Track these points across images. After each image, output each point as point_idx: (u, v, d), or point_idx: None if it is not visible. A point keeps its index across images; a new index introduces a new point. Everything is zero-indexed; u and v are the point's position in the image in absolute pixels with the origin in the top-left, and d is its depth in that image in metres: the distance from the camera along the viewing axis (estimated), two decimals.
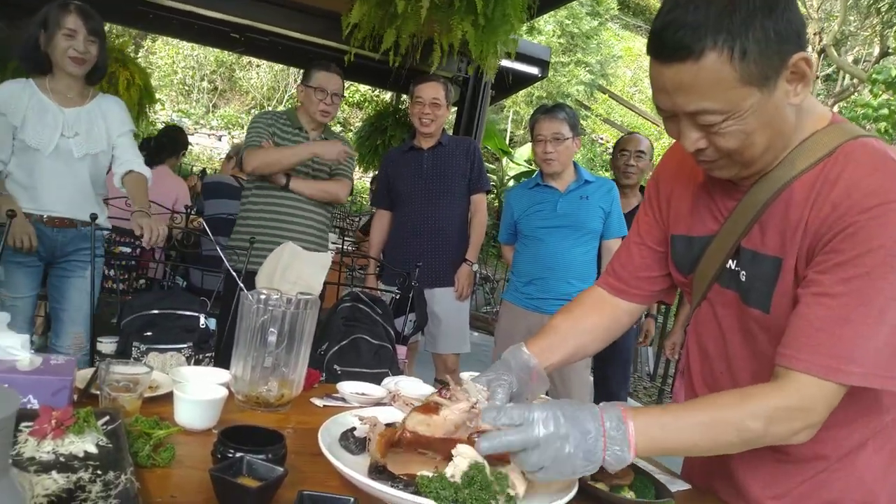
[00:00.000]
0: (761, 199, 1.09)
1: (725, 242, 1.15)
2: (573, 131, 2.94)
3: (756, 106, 0.97)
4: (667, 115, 1.05)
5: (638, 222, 1.37)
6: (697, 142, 1.03)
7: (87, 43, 2.51)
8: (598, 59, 17.22)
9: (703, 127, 1.01)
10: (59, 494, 0.82)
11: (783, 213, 1.06)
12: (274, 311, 1.35)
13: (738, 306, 1.15)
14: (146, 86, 6.59)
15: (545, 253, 2.95)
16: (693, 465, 1.39)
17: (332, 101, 3.01)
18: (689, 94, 0.97)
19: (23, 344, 1.18)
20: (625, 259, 1.37)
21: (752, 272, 1.11)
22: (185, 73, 17.54)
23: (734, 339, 1.19)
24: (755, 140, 1.00)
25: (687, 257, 1.24)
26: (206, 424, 1.20)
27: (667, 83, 0.99)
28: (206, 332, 2.06)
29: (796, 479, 1.15)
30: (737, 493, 1.23)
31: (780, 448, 1.14)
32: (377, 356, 2.30)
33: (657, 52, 0.98)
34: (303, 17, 5.25)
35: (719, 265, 1.17)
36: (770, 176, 1.08)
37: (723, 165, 1.07)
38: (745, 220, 1.11)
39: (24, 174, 2.50)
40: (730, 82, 0.94)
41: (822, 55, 13.93)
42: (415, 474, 1.00)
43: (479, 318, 7.58)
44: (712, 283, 1.19)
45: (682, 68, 0.95)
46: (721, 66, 0.93)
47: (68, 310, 2.65)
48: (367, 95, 15.48)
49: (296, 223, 2.98)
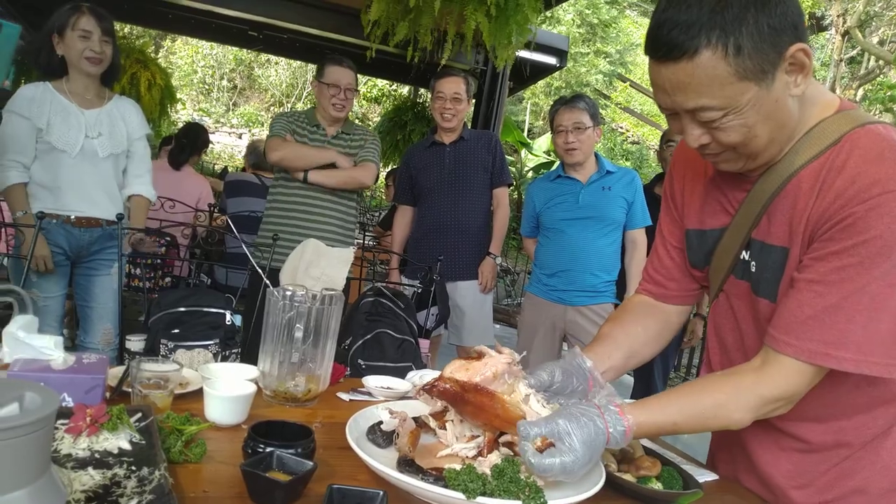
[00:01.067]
0: (768, 190, 1.09)
1: (738, 234, 1.15)
2: (593, 120, 2.92)
3: (755, 100, 0.96)
4: (669, 113, 1.06)
5: (661, 223, 1.37)
6: (700, 138, 1.03)
7: (102, 43, 2.54)
8: (618, 48, 17.06)
9: (704, 123, 1.01)
10: (96, 490, 0.84)
11: (790, 202, 1.06)
12: (300, 308, 1.36)
13: (750, 297, 1.16)
14: (167, 86, 6.68)
15: (568, 245, 2.94)
16: (716, 454, 1.38)
17: (345, 95, 3.01)
18: (687, 92, 0.97)
19: (56, 344, 1.21)
20: (656, 263, 1.37)
21: (762, 263, 1.11)
22: (205, 73, 17.71)
23: (749, 331, 1.19)
24: (757, 132, 1.00)
25: (701, 251, 1.24)
26: (236, 420, 1.22)
27: (665, 82, 0.99)
28: (232, 329, 2.09)
29: (820, 468, 1.15)
30: (760, 483, 1.23)
31: (802, 438, 1.15)
32: (400, 350, 2.31)
33: (653, 52, 0.98)
34: (320, 13, 5.28)
35: (733, 257, 1.17)
36: (777, 166, 1.08)
37: (728, 158, 1.07)
38: (754, 211, 1.11)
39: (49, 176, 2.54)
40: (726, 78, 0.94)
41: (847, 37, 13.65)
42: (442, 468, 1.00)
43: (500, 311, 7.57)
44: (727, 276, 1.19)
45: (679, 67, 0.95)
46: (716, 63, 0.93)
47: (95, 307, 2.70)
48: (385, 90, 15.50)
49: (322, 217, 2.99)
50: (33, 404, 0.59)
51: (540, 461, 0.95)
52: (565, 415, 0.99)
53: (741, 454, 1.26)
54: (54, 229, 2.53)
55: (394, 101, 8.86)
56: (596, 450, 0.99)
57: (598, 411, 1.01)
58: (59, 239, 2.56)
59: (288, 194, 3.02)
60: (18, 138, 2.49)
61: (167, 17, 6.14)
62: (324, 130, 3.06)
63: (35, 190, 2.55)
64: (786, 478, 1.18)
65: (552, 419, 0.99)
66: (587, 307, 2.93)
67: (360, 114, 16.72)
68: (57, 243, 2.56)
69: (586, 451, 0.97)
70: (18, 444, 0.54)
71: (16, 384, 0.62)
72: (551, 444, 0.97)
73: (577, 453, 0.96)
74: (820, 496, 1.15)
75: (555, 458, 0.95)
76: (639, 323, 1.35)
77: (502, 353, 1.12)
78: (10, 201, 2.52)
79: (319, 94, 3.04)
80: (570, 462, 0.95)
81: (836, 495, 1.14)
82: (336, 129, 3.08)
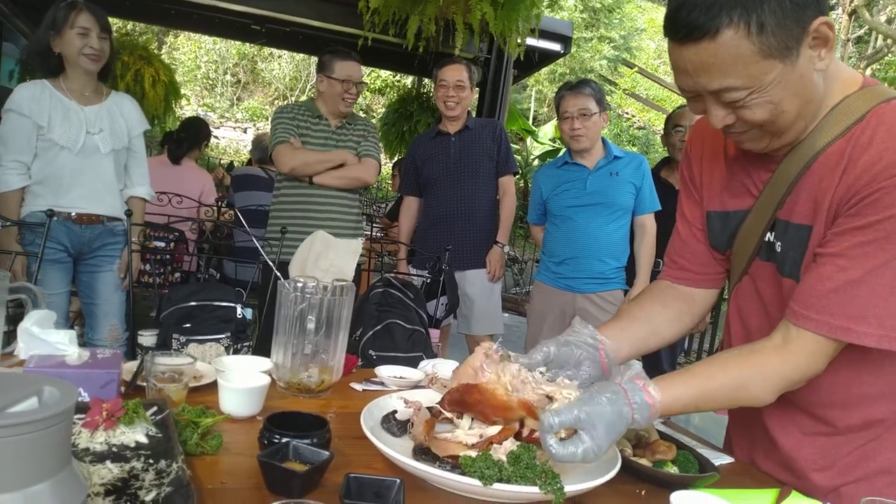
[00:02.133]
0: (794, 170, 1.07)
1: (763, 215, 1.13)
2: (599, 106, 2.90)
3: (780, 77, 0.95)
4: (690, 96, 1.04)
5: (682, 206, 1.34)
6: (725, 118, 1.02)
7: (100, 40, 2.54)
8: (622, 33, 16.93)
9: (729, 103, 0.99)
10: (115, 483, 0.84)
11: (816, 181, 1.05)
12: (311, 299, 1.36)
13: (776, 278, 1.14)
14: (171, 82, 6.67)
15: (576, 232, 2.92)
16: (733, 437, 1.38)
17: (356, 90, 3.00)
18: (711, 73, 0.96)
19: (70, 339, 1.22)
20: (679, 247, 1.33)
21: (787, 242, 1.10)
22: (209, 68, 17.68)
23: (775, 313, 1.17)
24: (784, 108, 0.99)
25: (723, 233, 1.22)
26: (251, 412, 1.23)
27: (687, 64, 0.97)
28: (243, 322, 2.10)
29: (844, 450, 1.14)
30: (780, 466, 1.22)
31: (829, 422, 1.14)
32: (411, 340, 2.32)
33: (674, 34, 0.97)
34: (322, 4, 5.27)
35: (758, 238, 1.15)
36: (802, 145, 1.06)
37: (753, 137, 1.05)
38: (780, 191, 1.10)
39: (50, 173, 2.54)
40: (750, 57, 0.92)
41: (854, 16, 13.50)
42: (458, 455, 1.00)
43: (508, 300, 7.57)
44: (752, 258, 1.18)
45: (700, 48, 0.94)
46: (739, 41, 0.92)
47: (100, 304, 2.72)
48: (389, 81, 15.45)
49: (327, 212, 3.00)
50: (52, 398, 0.60)
51: (561, 451, 0.94)
52: (588, 401, 0.97)
53: (761, 438, 1.25)
54: (56, 227, 2.53)
55: (398, 92, 8.82)
56: (619, 432, 0.98)
57: (623, 393, 0.99)
58: (60, 236, 2.56)
59: (292, 193, 3.01)
60: (19, 137, 2.49)
61: (170, 12, 6.14)
62: (327, 122, 3.04)
63: (36, 188, 2.56)
64: (808, 460, 1.17)
65: (575, 407, 0.97)
66: (597, 294, 2.92)
67: (364, 105, 16.69)
68: (59, 240, 2.56)
69: (608, 437, 0.96)
70: (39, 438, 0.55)
71: (34, 379, 0.62)
72: (574, 432, 0.97)
73: (599, 440, 0.95)
74: (842, 477, 1.14)
75: (577, 448, 0.94)
76: (657, 301, 1.33)
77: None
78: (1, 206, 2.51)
79: (329, 88, 3.00)
80: (592, 450, 0.94)
81: (859, 476, 1.13)
82: (338, 121, 3.07)
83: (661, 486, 1.09)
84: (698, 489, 1.03)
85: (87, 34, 2.51)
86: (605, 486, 1.00)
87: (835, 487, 1.14)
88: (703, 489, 1.03)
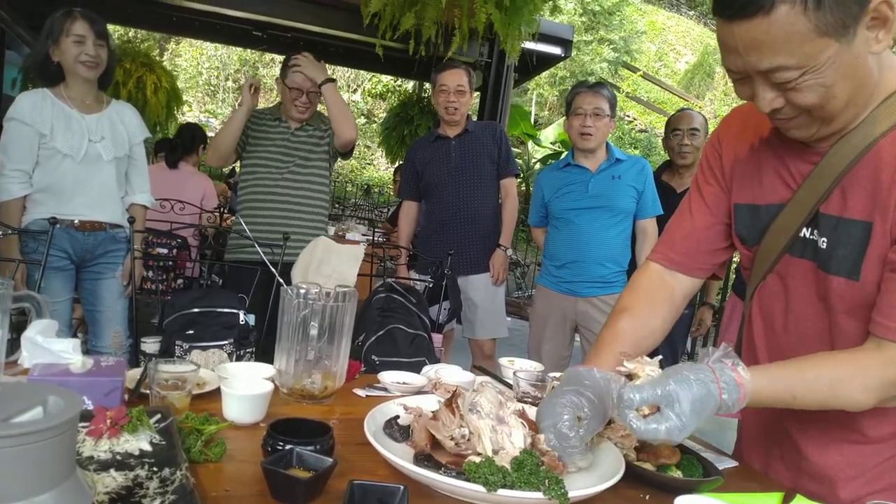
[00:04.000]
0: (843, 161, 1.02)
1: (800, 209, 1.08)
2: (612, 111, 2.90)
3: (835, 57, 0.90)
4: (738, 77, 0.99)
5: (700, 192, 1.28)
6: (773, 101, 0.97)
7: (96, 47, 2.55)
8: (622, 36, 16.95)
9: (779, 85, 0.95)
10: (119, 492, 0.84)
11: (871, 174, 1.00)
12: (314, 305, 1.36)
13: (816, 275, 1.09)
14: (173, 88, 6.70)
15: (577, 235, 2.92)
16: (747, 443, 1.35)
17: (308, 99, 2.99)
18: (762, 52, 0.91)
19: (74, 347, 1.22)
20: (688, 231, 1.28)
21: (836, 239, 1.04)
22: (210, 74, 17.73)
23: (807, 312, 1.12)
24: (836, 93, 0.94)
25: (754, 228, 1.16)
26: (255, 418, 1.23)
27: (737, 42, 0.93)
28: (246, 329, 2.10)
29: (874, 460, 1.11)
30: (801, 472, 1.19)
31: (856, 428, 1.10)
32: (414, 345, 2.31)
33: (724, 11, 0.93)
34: (323, 10, 5.28)
35: (792, 234, 1.10)
36: (852, 135, 1.01)
37: (801, 124, 1.01)
38: (824, 184, 1.04)
39: (53, 181, 2.55)
40: (805, 34, 0.88)
41: None
42: (461, 461, 1.00)
43: (511, 304, 7.56)
44: (782, 254, 1.13)
45: (753, 24, 0.90)
46: (794, 17, 0.87)
47: (104, 311, 2.72)
48: (390, 86, 15.48)
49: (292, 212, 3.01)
50: (57, 408, 0.60)
51: (643, 426, 0.92)
52: (675, 378, 0.93)
53: (780, 444, 1.22)
54: (59, 234, 2.53)
55: (399, 97, 8.85)
56: (707, 412, 0.93)
57: (711, 375, 0.94)
58: (63, 243, 2.57)
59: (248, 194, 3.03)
60: (21, 146, 2.50)
61: (171, 19, 6.16)
62: (287, 125, 3.05)
63: (38, 197, 2.56)
64: (834, 469, 1.14)
65: (660, 383, 0.93)
66: (598, 298, 2.91)
67: (365, 110, 16.72)
68: (62, 248, 2.57)
69: (695, 417, 0.92)
70: (44, 448, 0.55)
71: (39, 388, 0.63)
72: (657, 410, 0.94)
73: (685, 418, 0.91)
74: (869, 487, 1.11)
75: (660, 425, 0.92)
76: (653, 317, 1.28)
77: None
78: (3, 214, 2.52)
79: (283, 94, 3.04)
80: (676, 427, 0.91)
81: (885, 485, 1.10)
82: (299, 122, 3.07)
83: (665, 491, 1.09)
84: (703, 494, 1.02)
85: (82, 42, 2.52)
86: (609, 492, 1.00)
87: (859, 497, 1.11)
88: (707, 494, 1.03)
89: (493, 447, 1.03)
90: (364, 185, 14.15)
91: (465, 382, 1.49)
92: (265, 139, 3.02)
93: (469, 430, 1.05)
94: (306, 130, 3.06)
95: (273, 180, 2.99)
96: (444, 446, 1.04)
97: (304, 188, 3.04)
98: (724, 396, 0.93)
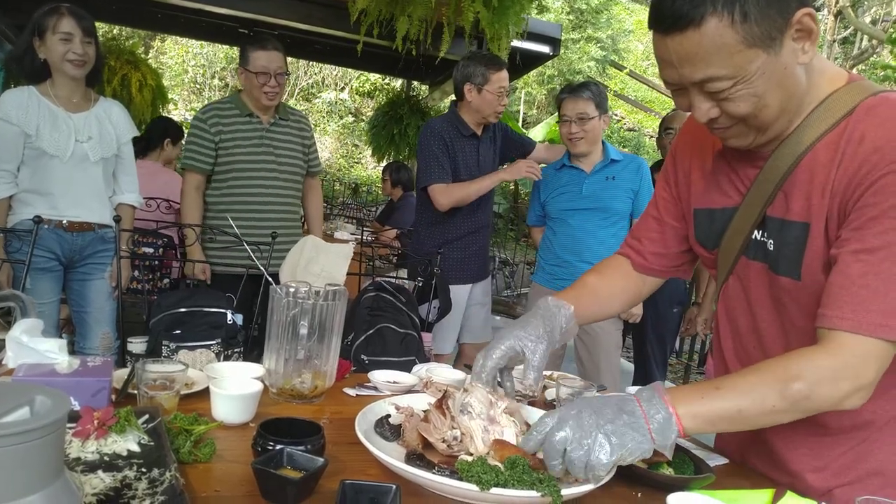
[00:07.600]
0: (783, 165, 1.07)
1: (750, 213, 1.13)
2: (599, 109, 2.88)
3: (764, 68, 0.95)
4: (675, 89, 1.04)
5: (656, 199, 1.36)
6: (709, 111, 1.02)
7: (84, 45, 2.50)
8: (609, 35, 17.01)
9: (713, 95, 0.99)
10: (108, 493, 0.83)
11: (808, 177, 1.04)
12: (304, 305, 1.35)
13: (768, 277, 1.13)
14: (158, 86, 6.61)
15: (572, 235, 2.93)
16: (726, 439, 1.38)
17: (276, 81, 2.83)
18: (695, 63, 0.96)
19: (60, 347, 1.20)
20: (642, 234, 1.38)
21: (780, 240, 1.09)
22: (196, 72, 17.58)
23: (764, 313, 1.17)
24: (767, 102, 0.99)
25: (711, 231, 1.22)
26: (244, 418, 1.22)
27: (672, 55, 0.98)
28: (233, 328, 2.08)
29: (836, 451, 1.14)
30: (774, 467, 1.21)
31: (818, 420, 1.11)
32: (403, 344, 2.31)
33: (658, 24, 0.97)
34: (309, 7, 5.25)
35: (745, 237, 1.14)
36: (790, 140, 1.06)
37: (738, 133, 1.05)
38: (768, 187, 1.09)
39: (40, 181, 2.52)
40: (734, 46, 0.93)
41: (839, 17, 13.64)
42: (452, 460, 1.00)
43: (500, 303, 7.57)
44: (739, 256, 1.17)
45: (685, 37, 0.94)
46: (723, 30, 0.92)
47: (92, 312, 2.69)
48: (378, 84, 15.43)
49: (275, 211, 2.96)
50: (44, 408, 0.59)
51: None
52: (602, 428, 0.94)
53: (752, 437, 1.24)
54: (46, 235, 2.50)
55: (387, 95, 8.81)
56: (635, 456, 0.95)
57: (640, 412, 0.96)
58: (51, 244, 2.54)
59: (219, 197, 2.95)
60: (6, 146, 2.46)
61: (156, 16, 6.11)
62: (258, 119, 2.92)
63: (26, 197, 2.53)
64: (801, 461, 1.17)
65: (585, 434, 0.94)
66: None
67: (353, 108, 16.66)
68: (50, 248, 2.53)
69: (619, 459, 0.94)
70: (32, 449, 0.54)
71: (25, 388, 0.61)
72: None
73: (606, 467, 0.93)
74: (836, 479, 1.13)
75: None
76: (617, 282, 1.39)
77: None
78: None
79: (248, 82, 2.86)
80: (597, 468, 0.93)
81: (853, 478, 1.12)
82: (271, 117, 2.96)
83: (657, 489, 1.09)
84: (694, 491, 1.03)
85: (70, 39, 2.48)
86: (602, 490, 1.00)
87: (829, 489, 1.14)
88: (699, 491, 1.03)
89: (486, 447, 1.03)
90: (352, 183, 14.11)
91: (456, 381, 1.48)
92: (240, 137, 2.89)
93: (461, 432, 1.05)
94: (280, 126, 2.97)
95: (252, 179, 2.89)
96: (437, 448, 1.04)
97: (285, 185, 2.98)
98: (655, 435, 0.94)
